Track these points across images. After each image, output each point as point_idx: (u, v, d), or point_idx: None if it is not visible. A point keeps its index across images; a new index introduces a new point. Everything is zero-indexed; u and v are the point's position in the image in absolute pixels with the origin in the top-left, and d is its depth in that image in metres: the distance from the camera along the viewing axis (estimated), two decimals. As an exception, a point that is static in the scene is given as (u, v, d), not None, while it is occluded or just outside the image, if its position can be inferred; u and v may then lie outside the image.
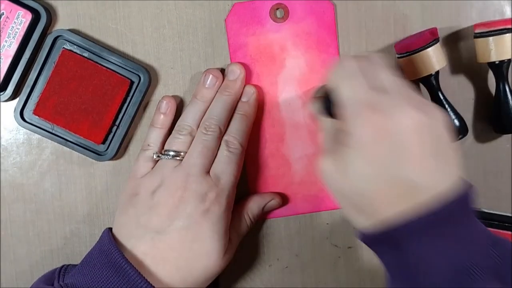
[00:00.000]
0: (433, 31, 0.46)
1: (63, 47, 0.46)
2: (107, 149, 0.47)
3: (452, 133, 0.35)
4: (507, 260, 0.35)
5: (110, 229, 0.43)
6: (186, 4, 0.47)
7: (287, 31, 0.47)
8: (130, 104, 0.46)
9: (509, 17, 0.48)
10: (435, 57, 0.45)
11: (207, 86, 0.45)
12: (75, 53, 0.46)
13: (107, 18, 0.47)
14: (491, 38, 0.45)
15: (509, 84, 0.47)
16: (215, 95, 0.45)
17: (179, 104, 0.47)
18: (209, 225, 0.41)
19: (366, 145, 0.34)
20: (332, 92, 0.38)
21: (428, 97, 0.47)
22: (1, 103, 0.47)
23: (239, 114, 0.45)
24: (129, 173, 0.46)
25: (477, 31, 0.46)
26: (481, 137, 0.50)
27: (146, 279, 0.39)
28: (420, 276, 0.34)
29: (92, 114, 0.46)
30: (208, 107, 0.45)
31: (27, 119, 0.46)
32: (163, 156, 0.44)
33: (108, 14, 0.47)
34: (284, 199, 0.48)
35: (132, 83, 0.46)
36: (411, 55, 0.45)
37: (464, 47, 0.49)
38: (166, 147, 0.44)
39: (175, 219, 0.41)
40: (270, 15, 0.47)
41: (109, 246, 0.41)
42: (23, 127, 0.46)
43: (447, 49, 0.48)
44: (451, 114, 0.46)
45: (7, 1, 0.44)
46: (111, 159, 0.47)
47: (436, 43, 0.45)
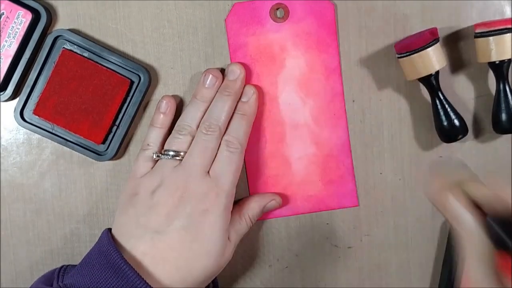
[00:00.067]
0: (433, 31, 0.46)
1: (63, 47, 0.46)
2: (107, 149, 0.47)
3: None
4: None
5: (110, 229, 0.43)
6: (186, 4, 0.47)
7: (287, 31, 0.47)
8: (130, 104, 0.46)
9: (509, 17, 0.48)
10: (435, 57, 0.45)
11: (207, 86, 0.45)
12: (75, 53, 0.46)
13: (107, 18, 0.47)
14: (491, 38, 0.45)
15: (509, 84, 0.47)
16: (215, 95, 0.45)
17: (179, 104, 0.47)
18: (209, 225, 0.41)
19: None
20: None
21: (428, 97, 0.47)
22: (1, 103, 0.47)
23: (239, 114, 0.45)
24: (129, 173, 0.46)
25: (478, 31, 0.46)
26: (481, 137, 0.50)
27: (145, 280, 0.38)
28: None
29: (92, 114, 0.46)
30: (208, 107, 0.45)
31: (27, 119, 0.46)
32: (162, 156, 0.44)
33: (108, 14, 0.47)
34: (284, 199, 0.48)
35: (132, 83, 0.46)
36: (411, 55, 0.45)
37: (464, 47, 0.48)
38: (166, 147, 0.44)
39: (174, 219, 0.41)
40: (270, 15, 0.47)
41: (108, 246, 0.40)
42: (23, 127, 0.46)
43: (447, 49, 0.48)
44: (451, 114, 0.46)
45: (7, 1, 0.44)
46: (111, 159, 0.47)
47: (436, 43, 0.45)
